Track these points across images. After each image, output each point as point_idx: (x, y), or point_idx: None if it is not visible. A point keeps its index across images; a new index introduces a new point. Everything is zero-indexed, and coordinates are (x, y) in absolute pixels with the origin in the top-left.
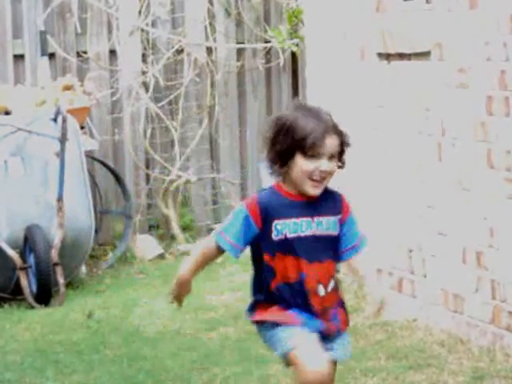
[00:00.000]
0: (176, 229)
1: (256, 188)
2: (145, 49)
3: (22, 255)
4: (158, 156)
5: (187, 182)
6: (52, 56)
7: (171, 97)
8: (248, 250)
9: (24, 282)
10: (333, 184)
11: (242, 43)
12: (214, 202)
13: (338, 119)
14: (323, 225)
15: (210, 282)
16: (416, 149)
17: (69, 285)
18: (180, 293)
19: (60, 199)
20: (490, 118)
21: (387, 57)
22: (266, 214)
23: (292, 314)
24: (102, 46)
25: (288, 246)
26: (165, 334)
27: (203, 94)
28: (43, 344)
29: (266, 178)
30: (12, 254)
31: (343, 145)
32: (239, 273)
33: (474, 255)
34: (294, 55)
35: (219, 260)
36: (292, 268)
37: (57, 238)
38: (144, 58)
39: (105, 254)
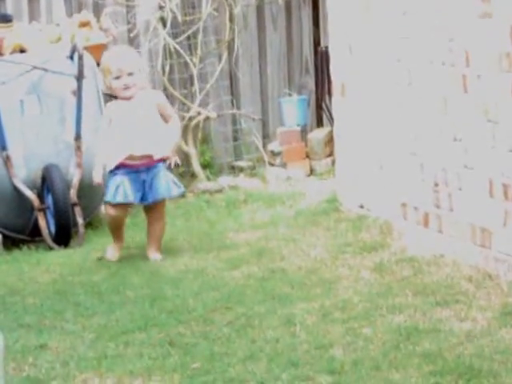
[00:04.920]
0: (196, 166)
1: (277, 123)
2: None
3: (40, 196)
4: (177, 92)
5: (207, 118)
6: None
7: (189, 32)
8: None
9: (42, 223)
10: (358, 118)
11: None
12: (235, 139)
13: (361, 51)
14: None
15: (232, 220)
16: (440, 81)
17: (88, 225)
18: None
19: (78, 138)
20: None
21: None
22: None
23: None
24: None
25: None
26: (187, 273)
27: (222, 28)
28: (63, 286)
29: (288, 113)
30: (30, 194)
31: None
32: (261, 210)
33: (501, 188)
34: None
35: (241, 197)
36: None
37: (75, 177)
38: None
39: None
